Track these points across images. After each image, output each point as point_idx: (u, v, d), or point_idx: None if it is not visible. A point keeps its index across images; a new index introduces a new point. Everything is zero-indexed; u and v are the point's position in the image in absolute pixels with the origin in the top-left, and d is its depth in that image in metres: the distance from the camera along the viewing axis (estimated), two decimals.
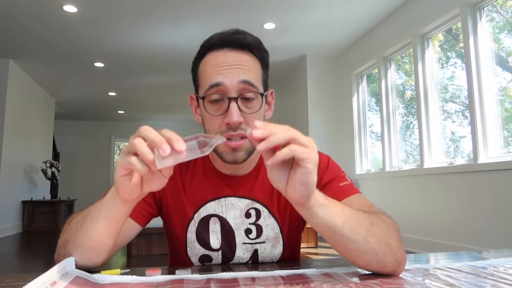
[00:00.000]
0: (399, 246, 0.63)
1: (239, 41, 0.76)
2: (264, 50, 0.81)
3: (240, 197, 0.83)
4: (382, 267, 0.62)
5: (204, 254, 0.83)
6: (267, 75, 0.82)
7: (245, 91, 0.73)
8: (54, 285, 0.52)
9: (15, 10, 3.98)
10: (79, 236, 0.63)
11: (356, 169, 4.84)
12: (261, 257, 0.83)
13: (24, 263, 3.75)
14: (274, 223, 0.84)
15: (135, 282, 0.59)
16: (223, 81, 0.72)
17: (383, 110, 4.34)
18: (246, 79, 0.73)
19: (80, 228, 0.63)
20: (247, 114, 0.74)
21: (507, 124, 2.99)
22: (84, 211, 0.67)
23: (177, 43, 4.90)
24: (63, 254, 0.65)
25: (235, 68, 0.73)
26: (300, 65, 5.59)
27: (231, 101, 0.72)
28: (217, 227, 0.82)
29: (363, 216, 0.61)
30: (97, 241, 0.63)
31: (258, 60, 0.79)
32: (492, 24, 3.13)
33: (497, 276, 0.61)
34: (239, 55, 0.75)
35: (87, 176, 9.96)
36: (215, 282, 0.59)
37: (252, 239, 0.82)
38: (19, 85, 5.84)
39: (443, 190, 3.37)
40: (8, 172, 5.60)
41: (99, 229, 0.62)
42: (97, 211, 0.62)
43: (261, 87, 0.77)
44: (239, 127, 0.73)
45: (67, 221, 0.71)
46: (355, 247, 0.59)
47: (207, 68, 0.76)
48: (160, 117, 10.01)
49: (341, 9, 4.07)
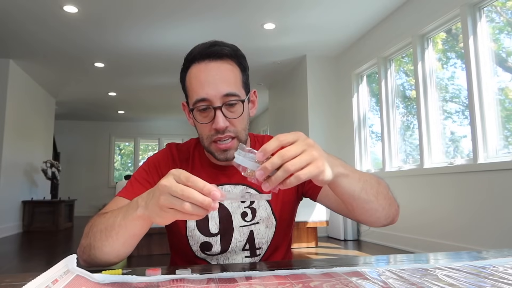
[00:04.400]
0: (394, 197, 0.80)
1: (217, 53, 0.83)
2: (241, 56, 0.88)
3: (235, 184, 0.91)
4: (388, 219, 0.77)
5: (204, 241, 0.88)
6: (247, 77, 0.89)
7: (228, 100, 0.82)
8: (55, 283, 0.52)
9: (15, 10, 3.99)
10: (105, 245, 0.69)
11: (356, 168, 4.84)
12: (256, 239, 0.90)
13: (24, 263, 3.75)
14: (265, 203, 0.91)
15: (135, 281, 0.59)
16: (207, 96, 0.81)
17: (383, 110, 4.34)
18: (228, 92, 0.81)
19: (105, 238, 0.69)
20: (232, 119, 0.83)
21: (507, 124, 2.99)
22: (106, 218, 0.71)
23: (177, 43, 4.90)
24: (88, 255, 0.72)
25: (217, 82, 0.81)
26: (300, 65, 5.59)
27: (216, 110, 0.81)
28: (215, 213, 0.89)
29: (372, 178, 0.72)
30: (123, 251, 0.70)
31: (237, 66, 0.86)
32: (491, 25, 3.13)
33: (496, 276, 0.61)
34: (219, 65, 0.83)
35: (87, 176, 9.97)
36: (215, 282, 0.59)
37: (248, 221, 0.90)
38: (19, 85, 5.84)
39: (443, 190, 3.37)
40: (9, 172, 5.61)
41: (124, 243, 0.69)
42: (122, 229, 0.67)
43: (242, 91, 0.85)
44: (226, 130, 0.82)
45: (90, 223, 0.76)
46: (370, 207, 0.71)
47: (192, 82, 0.84)
48: (160, 117, 10.02)
49: (341, 10, 4.08)
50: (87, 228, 0.75)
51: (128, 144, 11.03)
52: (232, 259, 0.89)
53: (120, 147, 11.14)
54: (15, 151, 5.81)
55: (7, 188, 5.58)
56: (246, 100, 0.86)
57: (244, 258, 0.90)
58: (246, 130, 0.87)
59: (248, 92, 0.89)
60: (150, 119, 10.22)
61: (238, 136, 0.84)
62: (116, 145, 10.83)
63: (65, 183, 8.99)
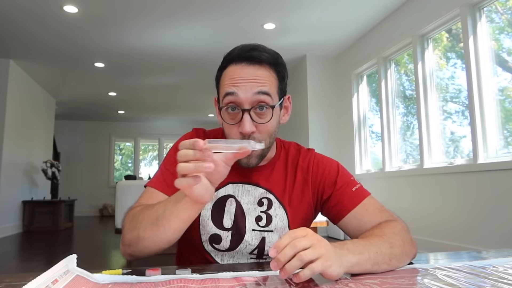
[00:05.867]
0: (412, 245, 0.76)
1: (256, 57, 0.82)
2: (281, 64, 0.86)
3: (256, 185, 0.91)
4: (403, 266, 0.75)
5: (214, 233, 0.88)
6: (284, 85, 0.88)
7: (258, 103, 0.80)
8: (55, 283, 0.52)
9: (15, 10, 3.99)
10: (156, 235, 0.72)
11: (356, 169, 4.84)
12: (267, 246, 0.88)
13: (24, 263, 3.75)
14: (283, 214, 0.90)
15: (135, 281, 0.59)
16: (238, 92, 0.80)
17: (383, 110, 4.34)
18: (260, 90, 0.80)
19: (157, 228, 0.71)
20: (259, 124, 0.81)
21: (507, 124, 2.98)
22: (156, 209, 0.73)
23: (177, 44, 4.90)
24: (136, 247, 0.74)
25: (250, 82, 0.80)
26: (300, 65, 5.59)
27: (244, 113, 0.79)
28: (232, 209, 0.89)
29: (383, 246, 0.70)
30: (174, 237, 0.73)
31: (274, 73, 0.84)
32: (491, 25, 3.13)
33: (496, 275, 0.61)
34: (255, 70, 0.82)
35: (87, 176, 9.97)
36: (215, 282, 0.59)
37: (261, 227, 0.89)
38: (19, 85, 5.84)
39: (443, 190, 3.37)
40: (9, 172, 5.61)
41: (176, 228, 0.71)
42: (174, 216, 0.69)
43: (276, 98, 0.83)
44: (251, 136, 0.80)
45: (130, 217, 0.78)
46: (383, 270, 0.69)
47: (225, 79, 0.83)
48: (160, 117, 10.02)
49: (341, 9, 4.08)
50: (131, 221, 0.76)
51: (129, 144, 11.02)
52: (237, 260, 0.89)
53: (120, 147, 11.13)
54: (15, 151, 5.81)
55: (7, 188, 5.58)
56: (278, 106, 0.85)
57: (249, 260, 0.89)
58: (273, 137, 0.86)
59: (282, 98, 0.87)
60: (150, 119, 10.22)
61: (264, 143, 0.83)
62: (116, 145, 10.83)
63: (65, 183, 8.99)
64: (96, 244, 5.08)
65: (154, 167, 11.07)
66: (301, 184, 0.92)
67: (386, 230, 0.75)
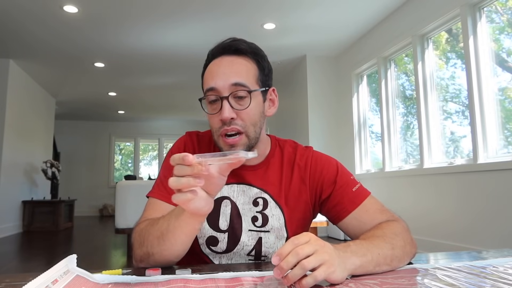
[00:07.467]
0: (412, 245, 0.77)
1: (233, 47, 0.85)
2: (260, 55, 0.87)
3: (251, 185, 0.89)
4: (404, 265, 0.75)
5: (211, 236, 0.87)
6: (265, 76, 0.87)
7: (236, 90, 0.80)
8: (55, 283, 0.52)
9: (15, 10, 3.98)
10: (164, 250, 0.72)
11: (356, 169, 4.84)
12: (264, 247, 0.87)
13: (24, 263, 3.75)
14: (279, 214, 0.88)
15: (135, 281, 0.59)
16: (216, 85, 0.81)
17: (383, 110, 4.34)
18: (236, 82, 0.80)
19: (163, 243, 0.72)
20: (239, 110, 0.81)
21: (507, 124, 2.98)
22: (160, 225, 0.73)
23: (177, 44, 4.90)
24: (147, 262, 0.75)
25: (227, 70, 0.81)
26: (300, 65, 5.59)
27: (223, 100, 0.80)
28: (228, 210, 0.88)
29: (385, 247, 0.70)
30: (182, 249, 0.74)
31: (253, 62, 0.85)
32: (491, 25, 3.13)
33: (496, 276, 0.61)
34: (232, 59, 0.83)
35: (87, 176, 9.97)
36: (215, 282, 0.59)
37: (258, 227, 0.88)
38: (19, 85, 5.84)
39: (443, 190, 3.37)
40: (9, 172, 5.61)
41: (181, 242, 0.72)
42: (178, 230, 0.70)
43: (255, 86, 0.83)
44: (232, 122, 0.80)
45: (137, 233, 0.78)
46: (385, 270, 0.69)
47: (206, 75, 0.85)
48: (160, 117, 10.02)
49: (341, 10, 4.08)
50: (139, 238, 0.76)
51: (129, 144, 11.02)
52: (236, 261, 0.89)
53: (120, 147, 11.13)
54: (15, 151, 5.81)
55: (7, 188, 5.58)
56: (260, 94, 0.85)
57: (247, 262, 0.89)
58: (258, 128, 0.84)
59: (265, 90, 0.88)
60: (150, 119, 10.22)
61: (247, 132, 0.82)
62: (116, 145, 10.83)
63: (65, 183, 8.99)
64: (96, 244, 5.08)
65: (154, 167, 11.07)
66: (298, 182, 0.90)
67: (387, 231, 0.75)
